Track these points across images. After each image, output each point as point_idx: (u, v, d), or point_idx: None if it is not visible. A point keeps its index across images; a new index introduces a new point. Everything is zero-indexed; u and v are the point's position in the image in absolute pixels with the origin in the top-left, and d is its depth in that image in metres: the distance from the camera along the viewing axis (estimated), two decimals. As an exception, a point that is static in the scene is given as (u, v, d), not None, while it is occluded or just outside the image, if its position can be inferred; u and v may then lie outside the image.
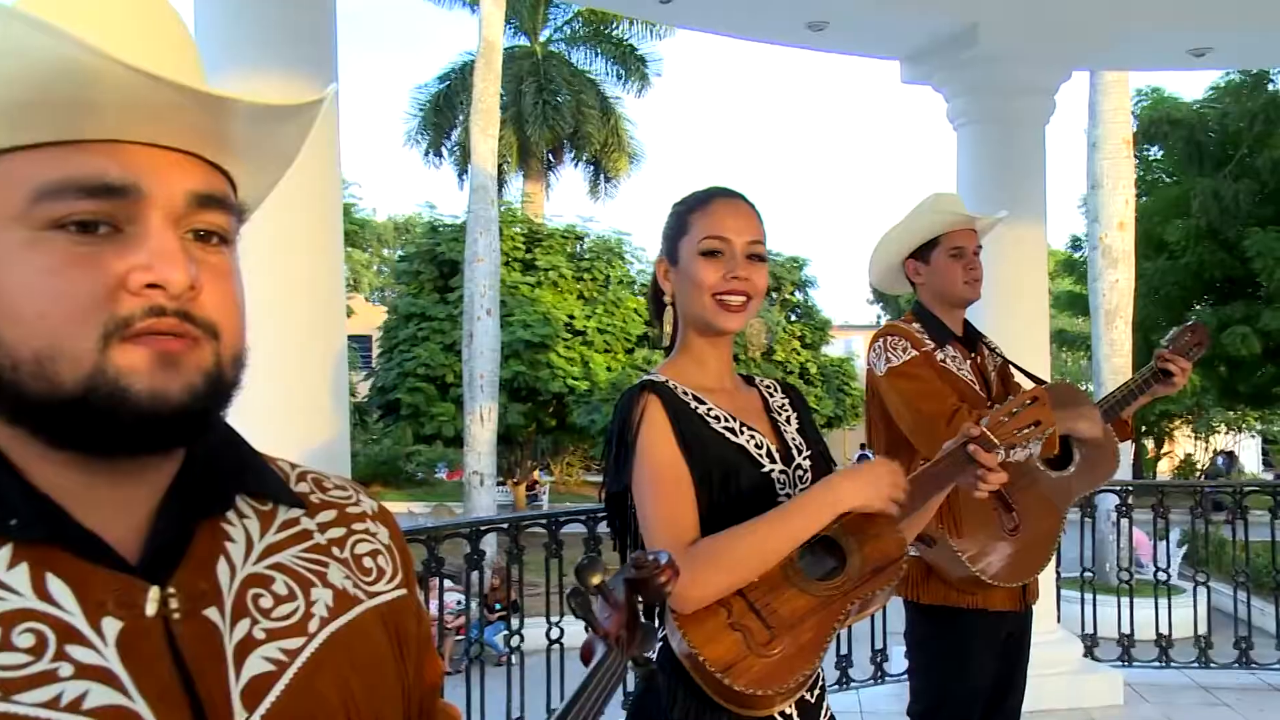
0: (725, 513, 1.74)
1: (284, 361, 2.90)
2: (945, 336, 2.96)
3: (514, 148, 26.52)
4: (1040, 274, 5.19)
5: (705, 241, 1.83)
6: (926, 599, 2.92)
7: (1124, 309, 12.24)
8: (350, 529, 0.91)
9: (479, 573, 4.64)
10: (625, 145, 28.15)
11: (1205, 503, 6.20)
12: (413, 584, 0.95)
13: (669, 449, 1.75)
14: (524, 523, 4.73)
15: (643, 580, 1.19)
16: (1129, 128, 12.93)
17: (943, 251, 2.96)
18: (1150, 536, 6.63)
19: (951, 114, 5.16)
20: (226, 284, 0.79)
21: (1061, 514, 3.00)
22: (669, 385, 1.83)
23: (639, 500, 1.76)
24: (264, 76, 2.94)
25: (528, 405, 20.77)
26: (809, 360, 23.52)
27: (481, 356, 14.90)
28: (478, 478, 14.81)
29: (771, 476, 1.84)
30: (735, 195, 1.90)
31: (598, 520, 4.57)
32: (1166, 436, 29.94)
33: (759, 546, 1.70)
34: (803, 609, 1.71)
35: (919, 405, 2.80)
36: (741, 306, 1.83)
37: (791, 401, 2.02)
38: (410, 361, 20.14)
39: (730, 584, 1.68)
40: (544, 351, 20.35)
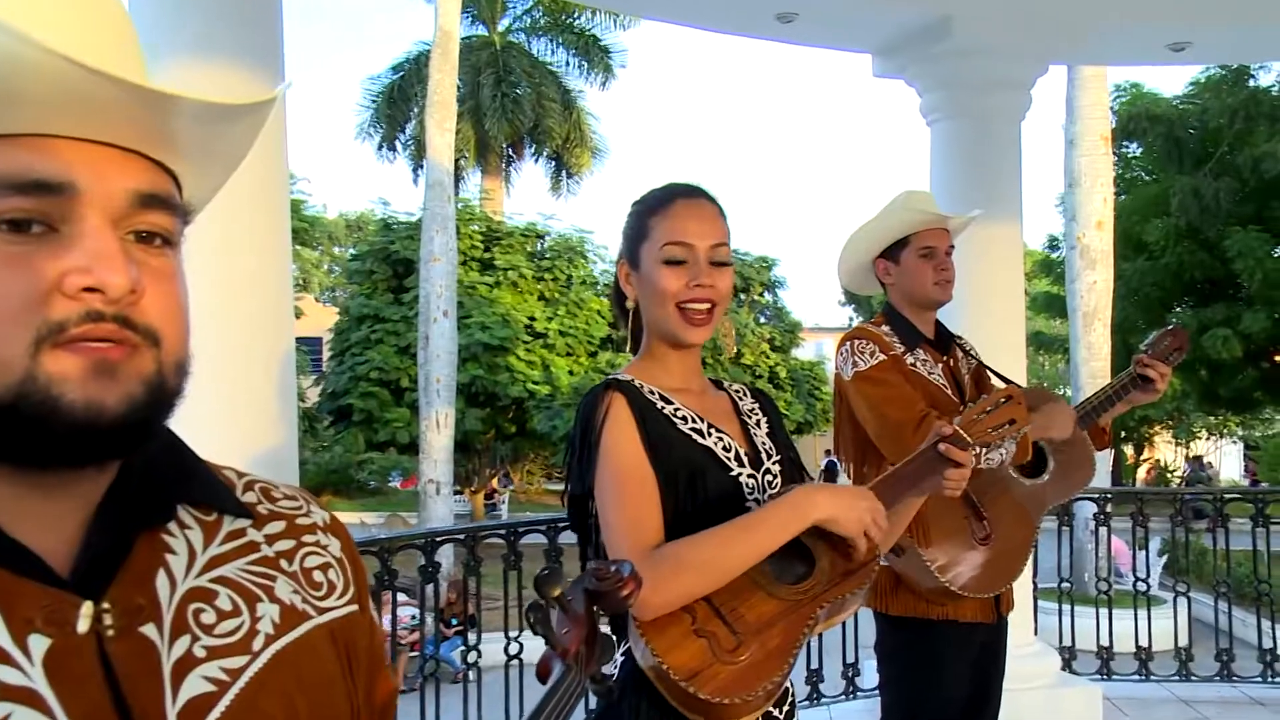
0: (691, 517, 1.74)
1: (228, 365, 2.87)
2: (916, 339, 2.98)
3: (472, 142, 26.44)
4: (1016, 275, 5.24)
5: (667, 249, 1.83)
6: (896, 610, 2.93)
7: (1102, 311, 12.38)
8: (300, 541, 0.90)
9: (434, 586, 4.62)
10: (588, 140, 28.13)
11: (1185, 511, 6.28)
12: (365, 600, 0.94)
13: (634, 449, 1.75)
14: (482, 533, 4.71)
15: (603, 593, 1.18)
16: (1107, 124, 13.09)
17: (913, 251, 2.98)
18: (1130, 545, 6.70)
19: (924, 109, 5.19)
20: (169, 288, 0.77)
21: (1035, 523, 3.02)
22: (635, 384, 1.84)
23: (601, 502, 1.76)
24: (205, 67, 2.90)
25: (486, 410, 20.71)
26: (778, 364, 23.61)
27: (438, 360, 14.84)
28: (433, 486, 14.73)
29: (740, 481, 1.84)
30: (697, 194, 1.89)
31: (559, 530, 4.56)
32: (1146, 442, 30.30)
33: (726, 553, 1.69)
34: (770, 614, 1.71)
35: (886, 411, 2.81)
36: (706, 316, 1.83)
37: (762, 406, 2.03)
38: (363, 365, 20.02)
39: (695, 591, 1.68)
40: (503, 354, 20.29)
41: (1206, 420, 28.03)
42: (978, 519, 2.86)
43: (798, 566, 1.78)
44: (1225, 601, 6.04)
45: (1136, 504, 6.02)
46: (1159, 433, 29.64)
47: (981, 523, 2.86)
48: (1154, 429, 28.61)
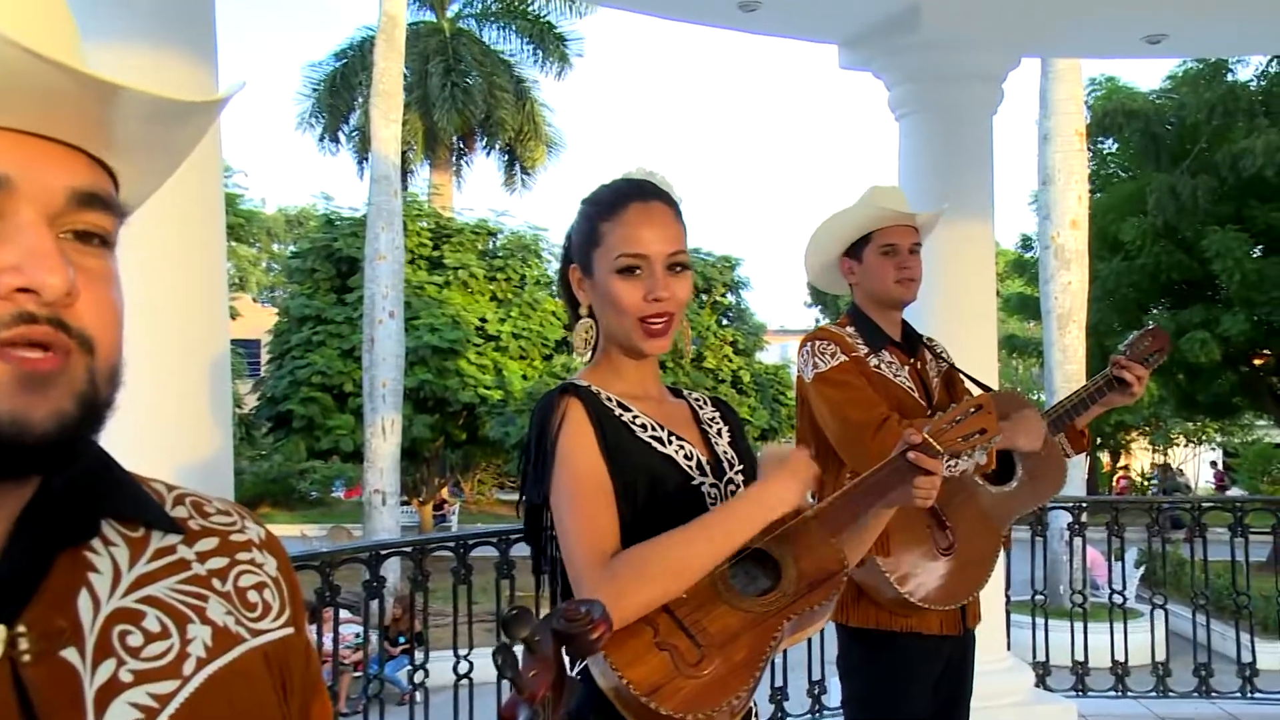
0: (650, 527, 1.74)
1: (157, 370, 2.83)
2: (881, 341, 3.01)
3: (419, 134, 26.36)
4: (988, 275, 5.28)
5: (621, 259, 1.82)
6: (857, 621, 2.94)
7: (1077, 312, 12.53)
8: (234, 559, 0.90)
9: (379, 602, 4.59)
10: (542, 133, 28.12)
11: (1163, 520, 6.35)
12: (301, 621, 0.93)
13: (591, 456, 1.76)
14: (430, 546, 4.69)
15: (573, 635, 1.18)
16: (1082, 119, 13.26)
17: (874, 249, 3.01)
18: (1106, 556, 6.77)
19: (893, 103, 5.22)
20: (105, 291, 0.76)
21: (1001, 532, 3.05)
22: (591, 389, 1.84)
23: (557, 511, 1.76)
24: (129, 51, 2.86)
25: (435, 417, 20.62)
26: (741, 368, 23.68)
27: (384, 363, 14.76)
28: (379, 497, 14.65)
29: (701, 490, 1.85)
30: (650, 196, 1.87)
31: (511, 542, 4.55)
32: (1123, 449, 30.67)
33: (686, 555, 1.70)
34: (735, 626, 1.72)
35: (846, 414, 2.84)
36: (665, 327, 1.83)
37: (722, 415, 2.04)
38: (304, 369, 19.88)
39: (656, 598, 1.68)
40: (453, 358, 20.22)
41: (1184, 427, 28.39)
42: (940, 528, 2.88)
43: (763, 578, 1.79)
44: (1204, 614, 6.11)
45: (1112, 513, 6.08)
46: (1135, 439, 30.02)
47: (944, 532, 2.88)
48: (1130, 436, 28.97)
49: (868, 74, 5.35)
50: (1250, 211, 15.03)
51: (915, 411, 2.89)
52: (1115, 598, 6.21)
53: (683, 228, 1.88)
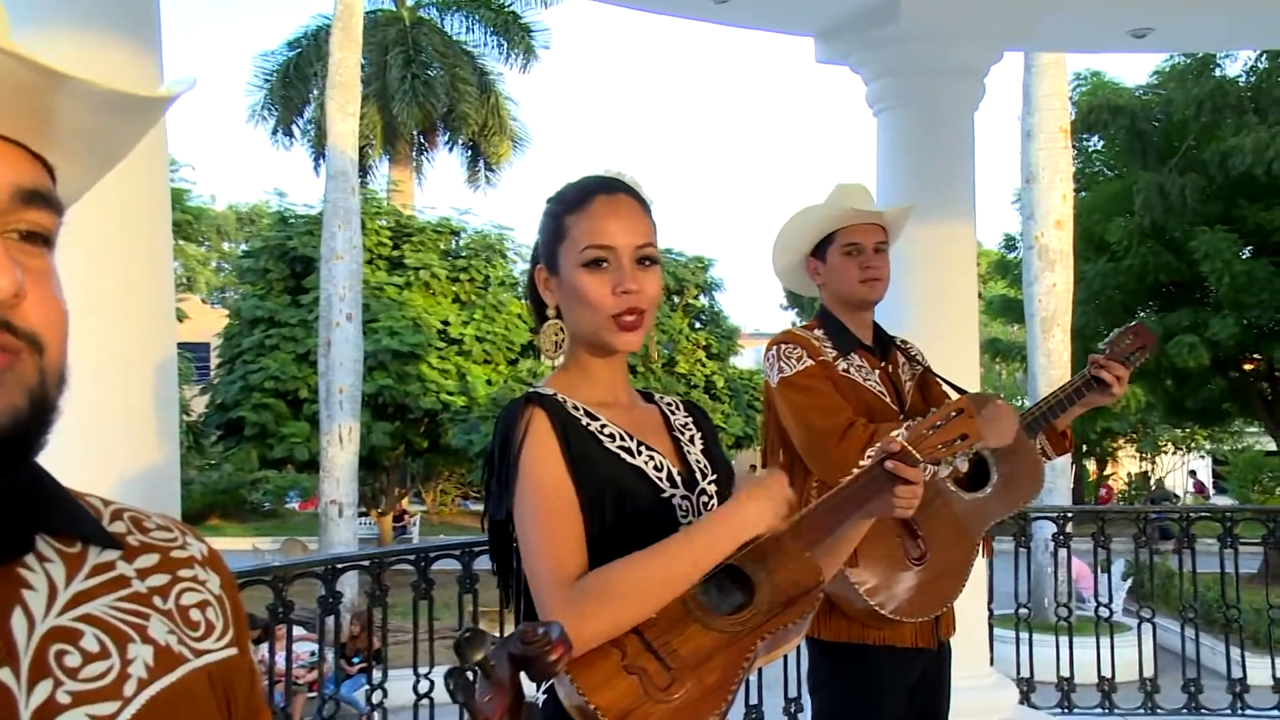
0: (618, 543, 1.74)
1: (99, 375, 2.80)
2: (850, 343, 3.03)
3: (378, 128, 26.28)
4: (970, 277, 5.31)
5: (587, 252, 1.82)
6: (828, 635, 2.94)
7: (1061, 315, 12.61)
8: (175, 576, 0.89)
9: (335, 618, 4.57)
10: (507, 127, 28.09)
11: (1151, 531, 6.39)
12: (245, 642, 0.93)
13: (555, 469, 1.75)
14: (389, 559, 4.68)
15: (530, 657, 1.18)
16: (1066, 115, 13.35)
17: (837, 249, 3.03)
18: (1092, 568, 6.81)
19: (870, 98, 5.24)
20: (51, 290, 0.77)
21: (975, 540, 3.06)
22: (557, 398, 1.83)
23: (520, 528, 1.76)
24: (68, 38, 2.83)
25: (395, 424, 20.56)
26: (715, 373, 23.75)
27: (341, 368, 14.69)
28: (335, 508, 14.58)
29: (672, 503, 1.85)
30: (616, 189, 1.89)
31: (475, 555, 4.54)
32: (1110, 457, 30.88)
33: (655, 578, 1.69)
34: (707, 647, 1.71)
35: (810, 420, 2.86)
36: (637, 322, 1.83)
37: (695, 421, 2.04)
38: (256, 373, 19.78)
39: (623, 622, 1.68)
40: (414, 362, 20.17)
41: (1173, 433, 28.63)
42: (911, 537, 2.88)
43: (735, 595, 1.78)
44: (1192, 628, 6.15)
45: (1099, 523, 6.11)
46: (1122, 447, 30.23)
47: (915, 541, 2.88)
48: (1117, 443, 29.17)
49: (845, 68, 5.37)
50: (1239, 211, 15.15)
51: (886, 416, 2.91)
52: (1102, 611, 6.25)
53: (652, 223, 1.89)
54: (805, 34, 5.52)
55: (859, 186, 3.14)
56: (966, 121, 5.20)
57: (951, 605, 3.06)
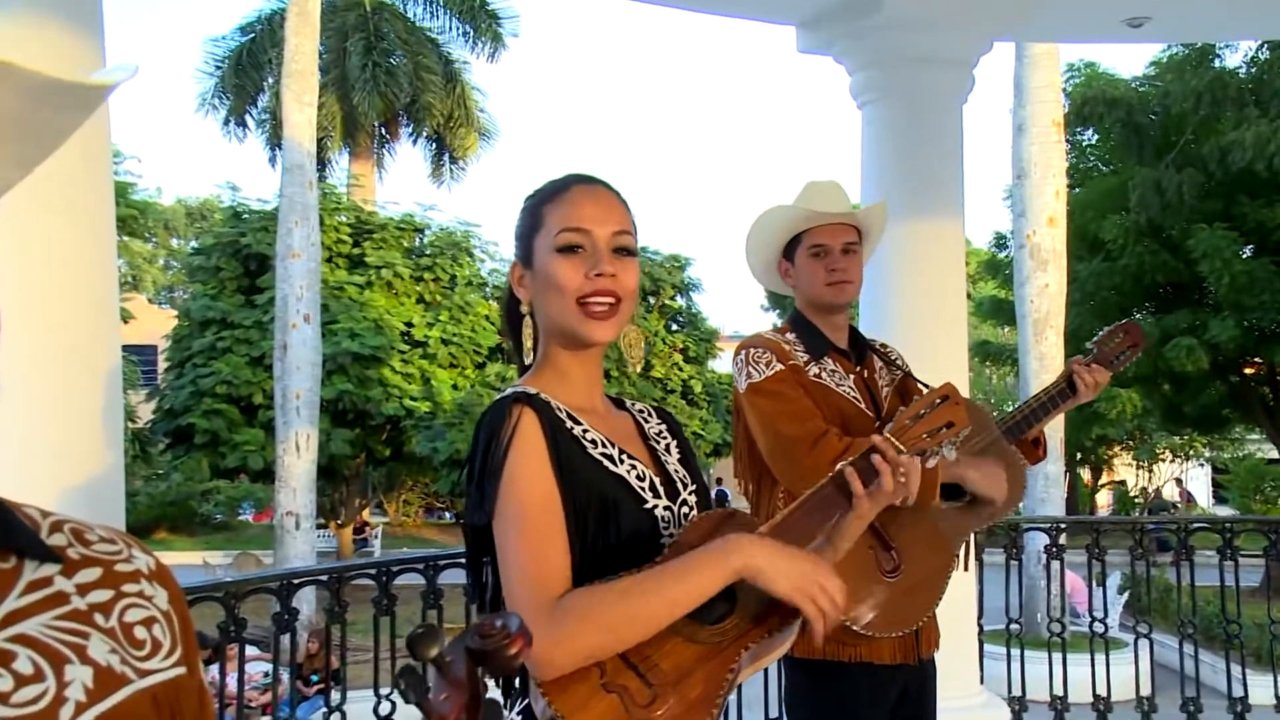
0: (602, 556, 1.74)
1: (38, 380, 2.78)
2: (823, 347, 3.04)
3: (338, 119, 26.21)
4: (958, 277, 5.33)
5: (562, 235, 1.84)
6: (802, 651, 2.92)
7: (1054, 317, 12.67)
8: (119, 591, 0.89)
9: (291, 636, 4.54)
10: (474, 119, 28.07)
11: (1148, 542, 6.41)
12: (195, 660, 0.92)
13: (543, 476, 1.74)
14: (349, 573, 4.64)
15: (488, 652, 1.17)
16: (1059, 108, 13.43)
17: (804, 250, 3.05)
18: (1086, 581, 6.83)
19: (855, 89, 5.26)
20: None
21: (953, 552, 3.07)
22: (544, 399, 1.83)
23: (500, 537, 1.74)
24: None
25: (355, 431, 20.51)
26: (693, 377, 23.77)
27: (298, 372, 14.64)
28: (292, 519, 14.52)
29: (655, 514, 1.84)
30: (595, 181, 1.92)
31: (439, 569, 4.52)
32: (1105, 465, 31.05)
33: (641, 610, 1.69)
34: (689, 661, 1.71)
35: (778, 427, 2.86)
36: (610, 311, 1.83)
37: (669, 429, 2.05)
38: (207, 378, 19.70)
39: (605, 648, 1.68)
40: (376, 366, 20.14)
41: (1170, 441, 28.77)
42: (884, 549, 2.89)
43: (718, 605, 1.78)
44: (1191, 644, 6.17)
45: (1093, 534, 6.13)
46: (1118, 454, 30.40)
47: (889, 553, 2.89)
48: (1113, 450, 29.35)
49: (828, 58, 5.39)
50: (1240, 209, 15.22)
51: (861, 424, 2.91)
52: (1097, 627, 6.26)
53: (631, 218, 1.90)
54: (787, 22, 5.53)
55: (830, 184, 3.15)
56: (955, 114, 5.23)
57: (934, 619, 3.07)
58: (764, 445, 2.92)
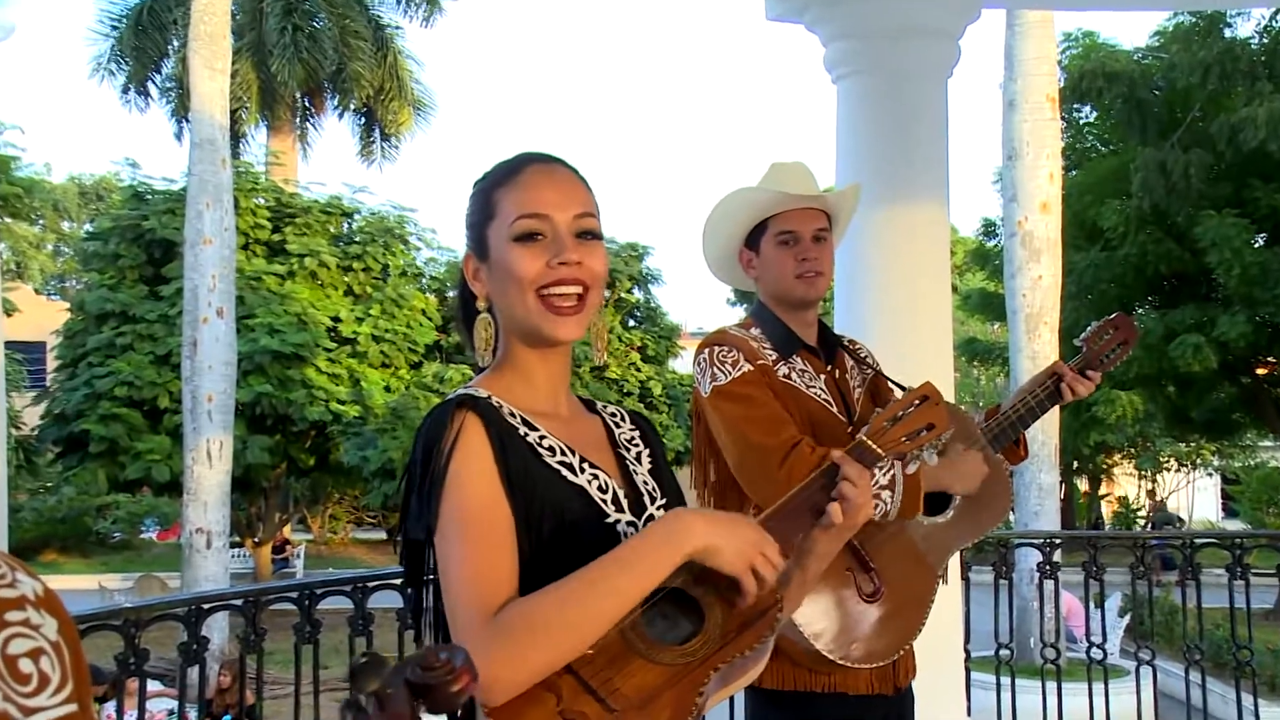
0: (556, 574, 1.73)
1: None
2: (791, 345, 3.03)
3: (253, 89, 26.04)
4: (942, 268, 5.34)
5: (519, 223, 1.84)
6: (770, 682, 2.92)
7: (1048, 312, 12.76)
8: (2, 620, 0.89)
9: (200, 669, 4.51)
10: (408, 91, 27.97)
11: (1151, 559, 6.46)
12: (87, 697, 0.92)
13: (488, 486, 1.75)
14: (267, 597, 4.63)
15: (430, 685, 1.18)
16: (1054, 82, 13.52)
17: (770, 237, 3.04)
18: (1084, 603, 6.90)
19: (829, 62, 5.27)
20: None
21: (937, 570, 3.08)
22: (492, 402, 1.83)
23: (441, 551, 1.76)
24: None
25: (275, 438, 20.40)
26: (652, 378, 23.79)
27: (209, 372, 14.55)
28: (202, 537, 14.43)
29: (617, 529, 1.86)
30: (552, 160, 1.93)
31: (369, 591, 4.51)
32: (1104, 474, 31.27)
33: (588, 605, 1.70)
34: (652, 684, 1.72)
35: (748, 435, 2.85)
36: (576, 305, 1.84)
37: (642, 435, 2.06)
38: (105, 379, 19.54)
39: (552, 660, 1.68)
40: (298, 366, 20.04)
41: (1175, 448, 29.03)
42: (863, 570, 2.90)
43: (683, 624, 1.79)
44: (1199, 671, 6.21)
45: (1091, 551, 6.17)
46: (1119, 463, 30.62)
47: (868, 574, 2.90)
48: (1113, 459, 29.57)
49: (800, 26, 5.40)
50: (1251, 193, 15.33)
51: (832, 428, 2.92)
52: (1095, 652, 6.31)
53: (592, 197, 1.92)
54: (754, -14, 5.54)
55: (797, 165, 3.14)
56: (939, 90, 5.25)
57: (912, 651, 3.09)
58: (731, 456, 2.91)
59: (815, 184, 3.11)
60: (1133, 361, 14.45)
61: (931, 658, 3.26)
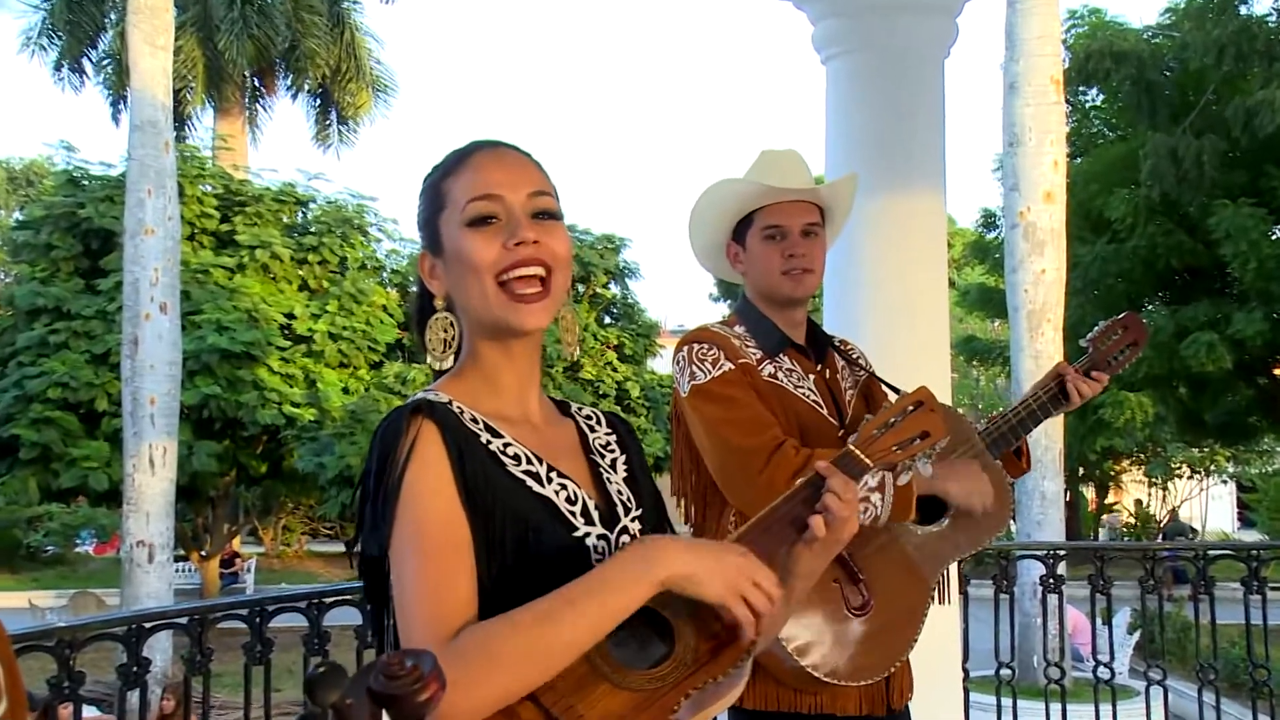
0: (519, 593, 1.74)
1: None
2: (778, 343, 3.05)
3: (199, 67, 25.94)
4: (938, 261, 5.35)
5: (471, 206, 1.85)
6: (752, 702, 2.93)
7: (1052, 309, 12.78)
8: None
9: (141, 693, 4.51)
10: (367, 72, 27.93)
11: (1161, 572, 6.47)
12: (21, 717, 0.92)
13: (445, 499, 1.75)
14: (215, 614, 4.61)
15: (394, 696, 1.18)
16: (1059, 63, 13.55)
17: (757, 232, 3.05)
18: (1090, 618, 6.90)
19: (818, 41, 5.27)
20: None
21: (930, 584, 3.09)
22: (452, 408, 1.83)
23: (396, 567, 1.76)
24: None
25: (224, 443, 20.34)
26: (629, 378, 23.76)
27: (152, 372, 14.48)
28: (144, 551, 14.36)
29: (588, 543, 1.86)
30: (500, 144, 1.94)
31: (325, 608, 4.50)
32: (1111, 482, 31.35)
33: (552, 633, 1.70)
34: (619, 711, 1.72)
35: (728, 437, 2.86)
36: (540, 292, 1.84)
37: (619, 439, 2.06)
38: (36, 379, 19.44)
39: (515, 688, 1.68)
40: (249, 365, 19.98)
41: (1188, 453, 29.11)
42: (852, 582, 2.90)
43: (654, 647, 1.79)
44: (1213, 692, 6.24)
45: (1097, 563, 6.18)
46: (1127, 470, 30.70)
47: (856, 586, 2.90)
48: (1121, 465, 29.65)
49: (787, 4, 5.41)
50: (1269, 181, 15.37)
51: (822, 431, 2.93)
52: (1102, 672, 6.33)
53: (546, 175, 1.92)
54: (739, -41, 5.53)
55: (789, 154, 3.15)
56: (935, 70, 5.26)
57: (906, 663, 3.09)
58: (711, 460, 2.92)
59: (808, 174, 3.11)
60: (1142, 361, 14.47)
61: (928, 677, 3.26)
